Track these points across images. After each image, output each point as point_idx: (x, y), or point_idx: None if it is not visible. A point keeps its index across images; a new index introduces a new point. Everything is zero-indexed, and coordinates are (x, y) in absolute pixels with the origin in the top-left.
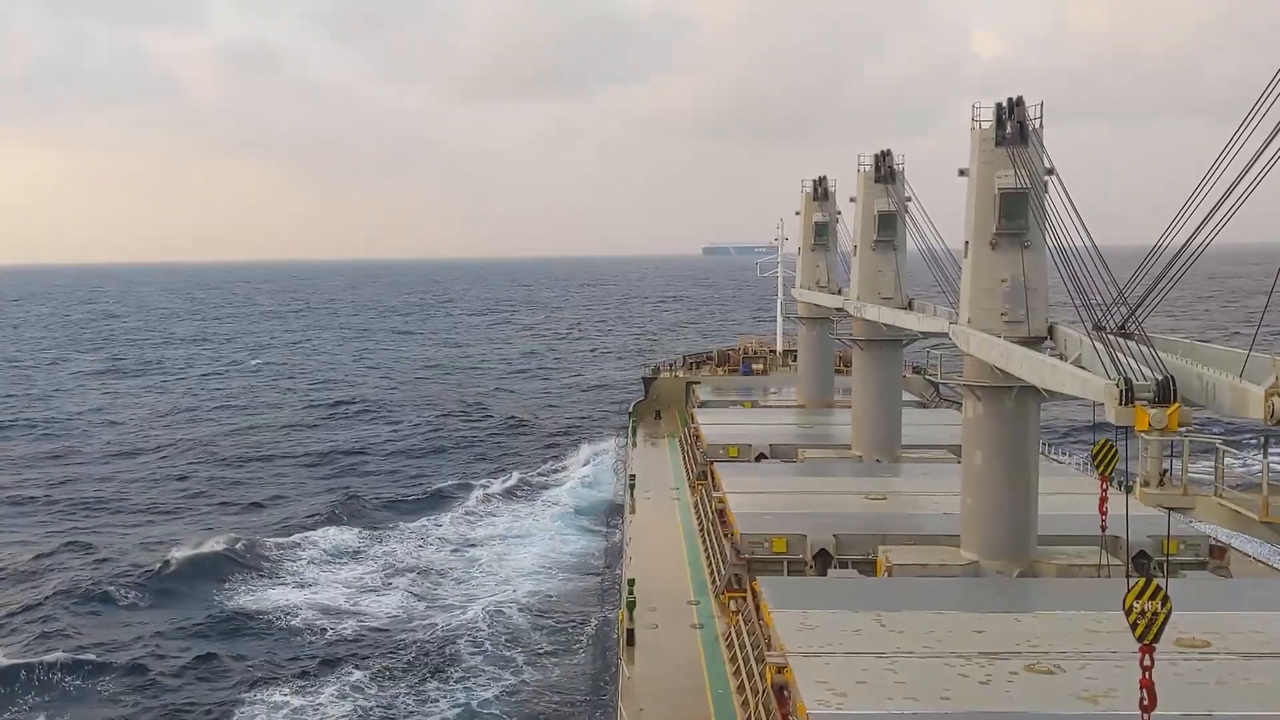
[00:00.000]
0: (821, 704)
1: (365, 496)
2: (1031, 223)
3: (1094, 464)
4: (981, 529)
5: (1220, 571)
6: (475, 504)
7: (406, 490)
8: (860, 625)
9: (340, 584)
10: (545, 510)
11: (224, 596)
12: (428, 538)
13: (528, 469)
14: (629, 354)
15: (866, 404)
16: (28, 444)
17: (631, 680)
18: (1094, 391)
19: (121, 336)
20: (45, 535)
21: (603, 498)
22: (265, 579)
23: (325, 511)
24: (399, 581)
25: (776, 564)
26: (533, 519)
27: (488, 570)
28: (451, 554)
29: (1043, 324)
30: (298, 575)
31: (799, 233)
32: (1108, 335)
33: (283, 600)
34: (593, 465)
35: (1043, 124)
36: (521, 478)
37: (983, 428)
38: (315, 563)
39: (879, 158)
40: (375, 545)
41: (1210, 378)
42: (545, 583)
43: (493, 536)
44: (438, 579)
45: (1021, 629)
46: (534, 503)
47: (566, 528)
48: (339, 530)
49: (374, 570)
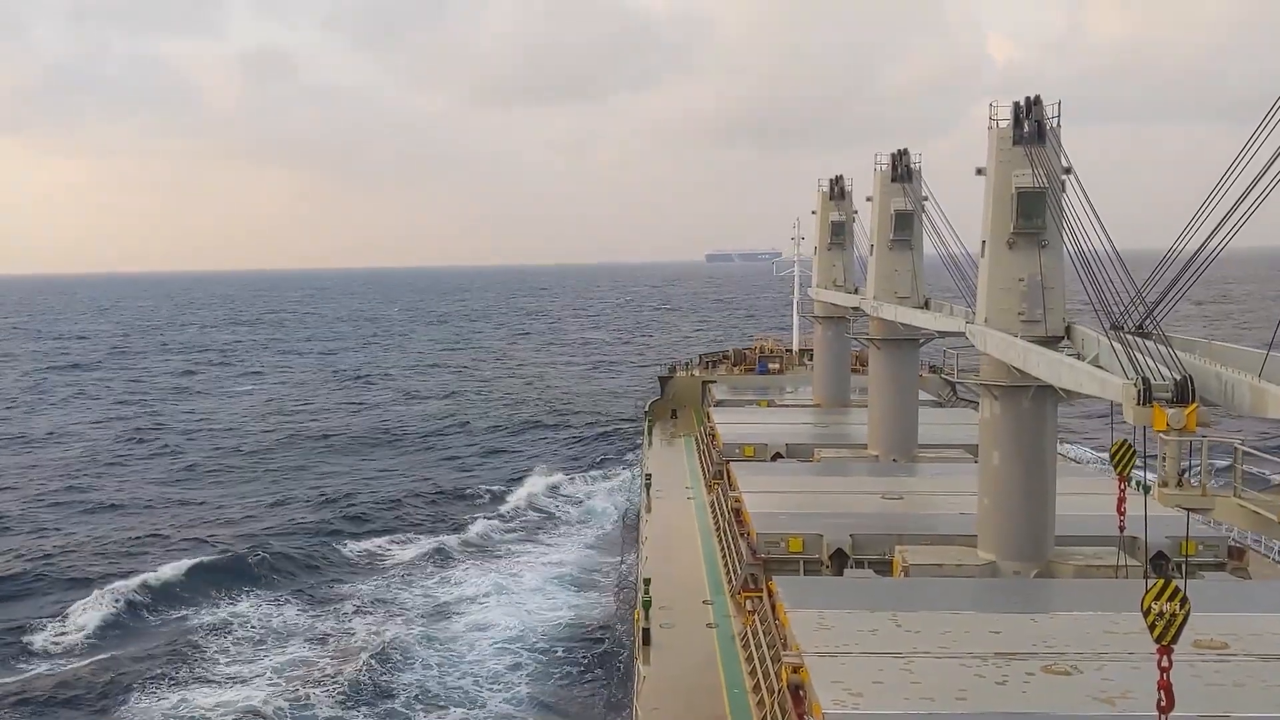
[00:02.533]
0: (837, 704)
1: (409, 492)
2: (1049, 222)
3: (1112, 464)
4: (998, 529)
5: (1239, 573)
6: (498, 503)
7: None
8: (876, 625)
9: (399, 562)
10: (564, 510)
11: None
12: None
13: (549, 466)
14: (647, 354)
15: (883, 403)
16: None
17: (646, 679)
18: (1112, 391)
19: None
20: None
21: (619, 497)
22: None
23: (382, 501)
24: (430, 562)
25: (793, 564)
26: (550, 519)
27: (504, 574)
28: (465, 552)
29: (1060, 323)
30: None
31: (815, 232)
32: (1125, 335)
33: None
34: (609, 464)
35: (1060, 123)
36: (542, 477)
37: (1000, 427)
38: (388, 550)
39: (895, 156)
40: (407, 534)
41: (1229, 377)
42: (562, 581)
43: (509, 539)
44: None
45: (1038, 630)
46: (555, 500)
47: (583, 527)
48: (401, 513)
49: (414, 546)
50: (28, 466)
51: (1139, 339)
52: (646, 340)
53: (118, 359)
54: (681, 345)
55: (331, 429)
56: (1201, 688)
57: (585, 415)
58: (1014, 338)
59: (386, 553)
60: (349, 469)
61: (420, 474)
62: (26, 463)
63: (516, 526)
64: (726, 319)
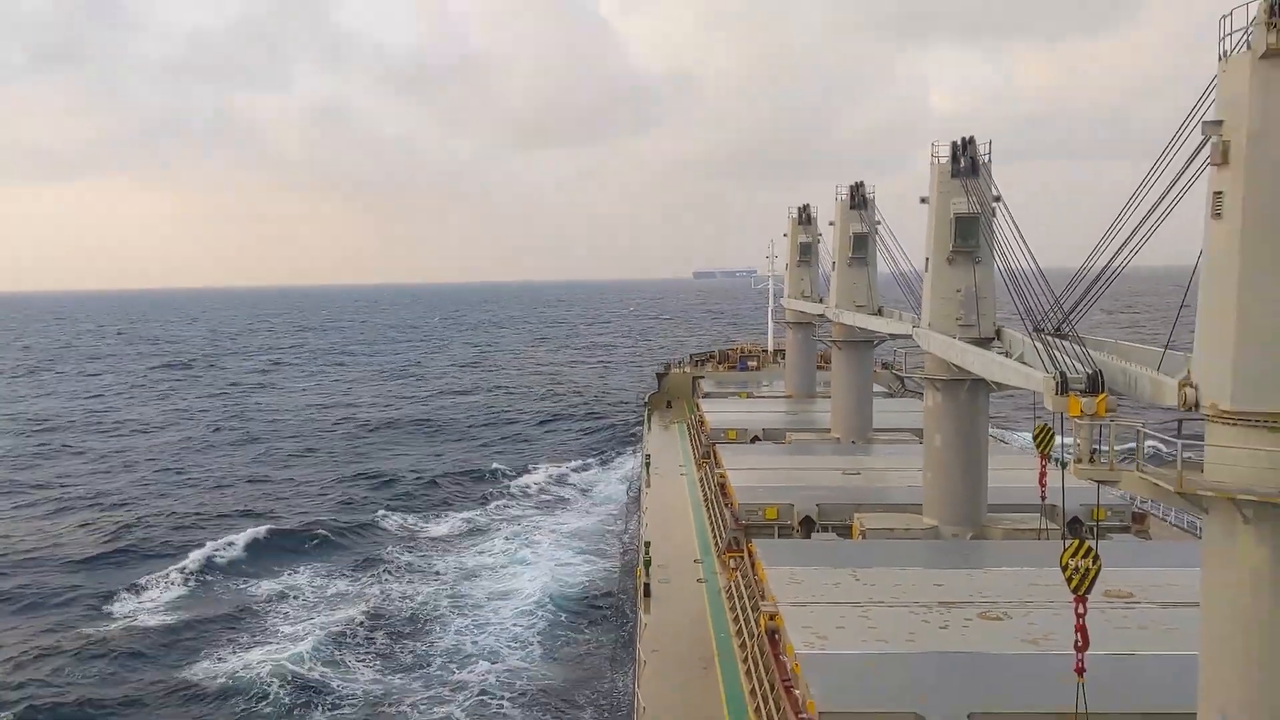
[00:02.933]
0: (807, 645)
1: (424, 478)
2: (982, 242)
3: (1035, 444)
4: (940, 499)
5: (1142, 535)
6: (521, 482)
7: (462, 468)
8: (839, 580)
9: (432, 539)
10: (577, 486)
11: None
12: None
13: (565, 450)
14: (646, 355)
15: (843, 394)
16: None
17: (648, 626)
18: (1034, 383)
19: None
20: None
21: (623, 474)
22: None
23: (402, 485)
24: (464, 539)
25: (769, 529)
26: (566, 494)
27: (527, 541)
28: (493, 516)
29: (991, 327)
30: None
31: (786, 251)
32: (1046, 336)
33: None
34: (616, 446)
35: (990, 159)
36: (558, 461)
37: (941, 414)
38: (407, 536)
39: (853, 188)
40: (441, 510)
41: (1133, 372)
42: (575, 546)
43: (531, 512)
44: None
45: (974, 583)
46: (570, 478)
47: (594, 501)
48: (426, 494)
49: (445, 522)
50: (126, 450)
51: (1057, 340)
52: (647, 344)
53: (210, 360)
54: (674, 347)
55: (378, 419)
56: (1112, 631)
57: (595, 407)
58: (953, 339)
59: (422, 529)
60: (392, 454)
61: (454, 458)
62: (126, 446)
63: (537, 502)
64: (712, 325)
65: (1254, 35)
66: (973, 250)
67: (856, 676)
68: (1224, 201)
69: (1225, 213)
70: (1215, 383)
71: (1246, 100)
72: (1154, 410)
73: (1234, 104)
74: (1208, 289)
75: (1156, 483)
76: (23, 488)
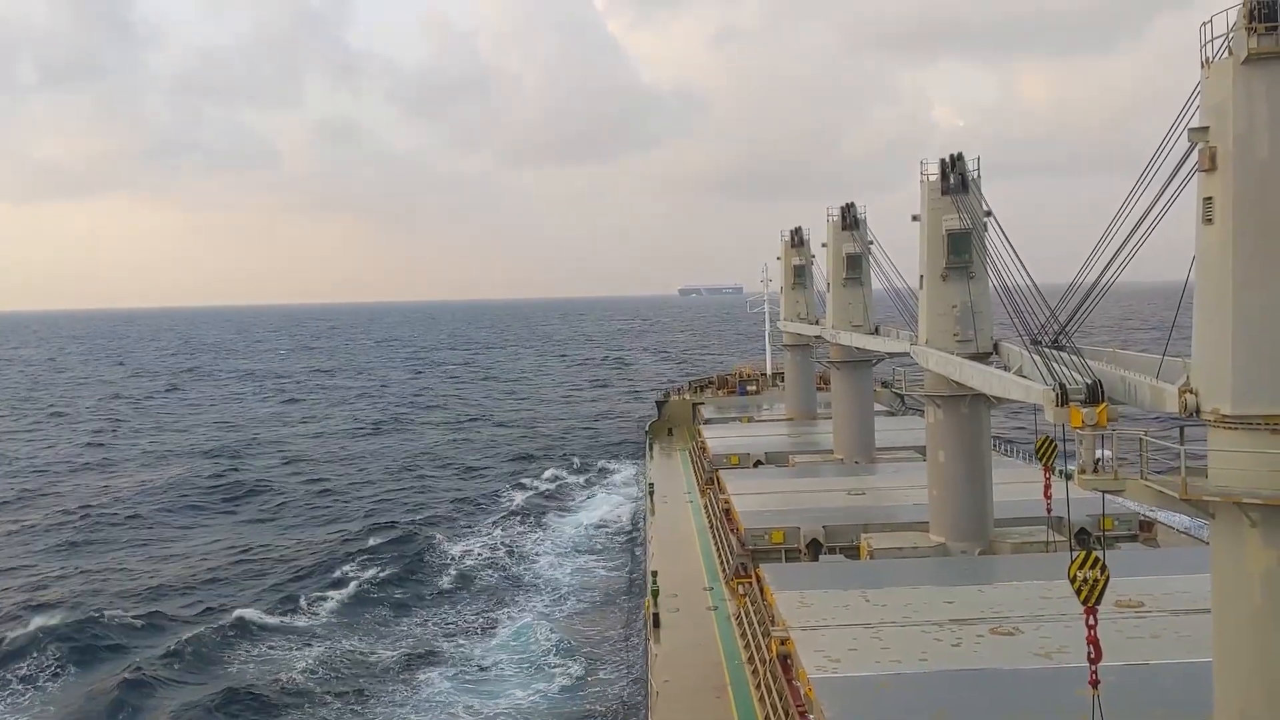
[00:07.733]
0: (820, 669)
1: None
2: (975, 257)
3: (1038, 457)
4: (946, 515)
5: (1149, 543)
6: (517, 512)
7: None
8: (849, 601)
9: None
10: (578, 516)
11: None
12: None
13: (564, 483)
14: (645, 381)
15: (844, 415)
16: None
17: (658, 656)
18: (1035, 396)
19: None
20: None
21: (628, 503)
22: None
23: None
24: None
25: (776, 553)
26: (567, 524)
27: (530, 580)
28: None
29: (989, 341)
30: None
31: (780, 275)
32: (1043, 348)
33: None
34: (619, 475)
35: (980, 175)
36: (557, 489)
37: (943, 430)
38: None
39: (844, 209)
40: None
41: (1132, 380)
42: (581, 577)
43: (534, 551)
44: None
45: (985, 599)
46: (566, 510)
47: (598, 531)
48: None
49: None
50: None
51: (1055, 351)
52: (642, 367)
53: (248, 378)
54: (671, 372)
55: (376, 440)
56: (1124, 641)
57: (597, 435)
58: (951, 355)
59: (420, 557)
60: (395, 482)
61: (459, 486)
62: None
63: (545, 536)
64: (703, 341)
65: (1235, 40)
66: (966, 265)
67: (871, 698)
68: (1214, 206)
69: (1216, 217)
70: (1215, 387)
71: (1231, 105)
72: (1148, 419)
73: (1218, 109)
74: (1203, 294)
75: (1161, 490)
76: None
